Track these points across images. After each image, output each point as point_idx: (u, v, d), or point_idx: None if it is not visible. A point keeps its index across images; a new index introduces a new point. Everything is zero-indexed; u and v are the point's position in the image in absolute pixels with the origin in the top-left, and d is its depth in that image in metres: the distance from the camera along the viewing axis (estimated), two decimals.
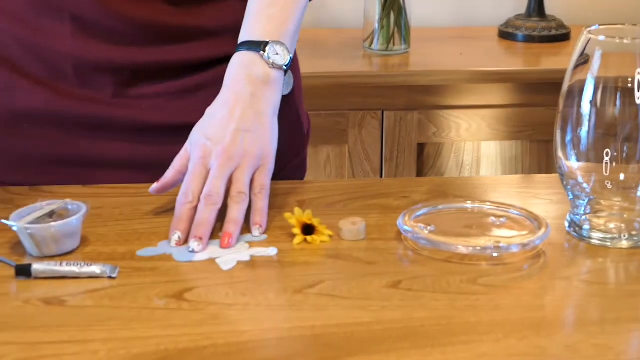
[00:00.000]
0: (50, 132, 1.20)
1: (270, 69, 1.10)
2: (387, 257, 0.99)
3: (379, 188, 1.19)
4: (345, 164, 2.18)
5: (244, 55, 1.11)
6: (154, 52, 1.19)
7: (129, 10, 1.16)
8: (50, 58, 1.18)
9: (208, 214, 1.02)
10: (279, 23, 1.13)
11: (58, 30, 1.17)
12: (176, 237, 1.01)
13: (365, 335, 0.84)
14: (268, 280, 0.94)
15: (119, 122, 1.20)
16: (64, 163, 1.21)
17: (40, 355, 0.81)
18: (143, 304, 0.90)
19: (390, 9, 2.24)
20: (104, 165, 1.21)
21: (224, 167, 1.05)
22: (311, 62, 2.21)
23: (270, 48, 1.11)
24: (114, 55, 1.18)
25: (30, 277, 0.95)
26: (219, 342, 0.83)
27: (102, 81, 1.19)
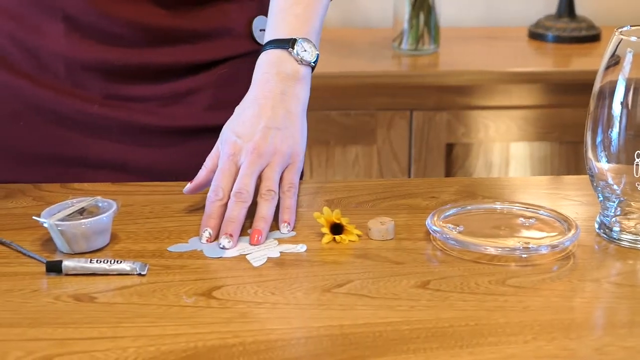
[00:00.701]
0: (48, 130, 1.21)
1: (300, 66, 1.11)
2: (415, 257, 0.99)
3: (407, 188, 1.19)
4: (373, 163, 2.18)
5: (272, 54, 1.11)
6: (145, 54, 1.19)
7: (120, 11, 1.16)
8: (43, 56, 1.18)
9: (238, 211, 1.02)
10: (305, 21, 1.14)
11: (51, 29, 1.17)
12: (207, 234, 1.01)
13: (393, 335, 0.84)
14: (297, 279, 0.94)
15: (111, 123, 1.20)
16: (61, 162, 1.22)
17: (71, 352, 0.82)
18: (172, 302, 0.90)
19: (419, 8, 2.24)
20: (99, 166, 1.22)
21: (253, 165, 1.05)
22: (340, 61, 2.21)
23: (298, 45, 1.11)
24: (105, 55, 1.18)
25: (61, 273, 0.95)
26: (247, 341, 0.83)
27: (93, 81, 1.19)
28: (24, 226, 1.06)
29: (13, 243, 1.02)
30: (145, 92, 1.20)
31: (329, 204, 1.12)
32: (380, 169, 2.18)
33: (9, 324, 0.86)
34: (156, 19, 1.18)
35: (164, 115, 1.21)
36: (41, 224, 1.00)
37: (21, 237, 1.04)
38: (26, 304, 0.90)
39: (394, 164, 2.18)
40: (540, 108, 2.19)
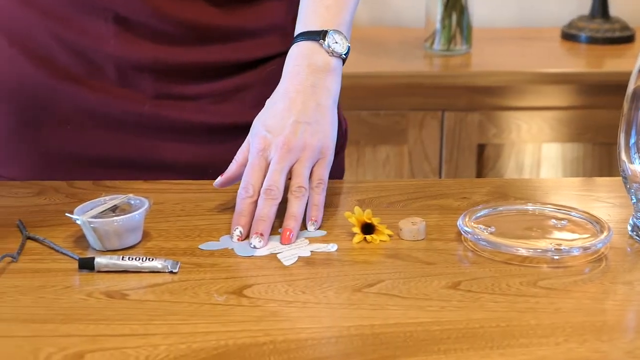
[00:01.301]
0: (95, 133, 1.21)
1: (331, 58, 1.11)
2: (446, 258, 0.99)
3: (439, 188, 1.18)
4: (404, 163, 2.17)
5: (303, 45, 1.11)
6: (195, 52, 1.19)
7: (171, 9, 1.17)
8: (92, 58, 1.19)
9: (268, 208, 1.02)
10: (336, 13, 1.13)
11: (100, 31, 1.18)
12: (238, 232, 1.02)
13: (424, 335, 0.84)
14: (327, 279, 0.94)
15: (160, 123, 1.21)
16: (109, 164, 1.22)
17: (102, 348, 0.82)
18: (203, 300, 0.90)
19: (452, 8, 2.23)
20: (147, 166, 1.22)
21: (283, 160, 1.05)
22: (372, 61, 2.21)
23: (329, 37, 1.11)
24: (156, 54, 1.18)
25: (93, 270, 0.96)
26: (277, 339, 0.83)
27: (144, 81, 1.20)
28: (57, 223, 1.07)
29: (46, 240, 1.03)
30: (195, 91, 1.21)
31: (360, 204, 1.12)
32: (411, 169, 2.18)
33: (41, 320, 0.87)
34: (206, 17, 1.18)
35: (214, 112, 1.22)
36: (74, 221, 1.00)
37: (54, 234, 1.04)
38: (59, 301, 0.90)
39: (425, 164, 2.17)
40: (573, 109, 2.18)
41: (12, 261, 0.98)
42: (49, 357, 0.81)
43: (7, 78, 1.22)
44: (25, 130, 1.22)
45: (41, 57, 1.19)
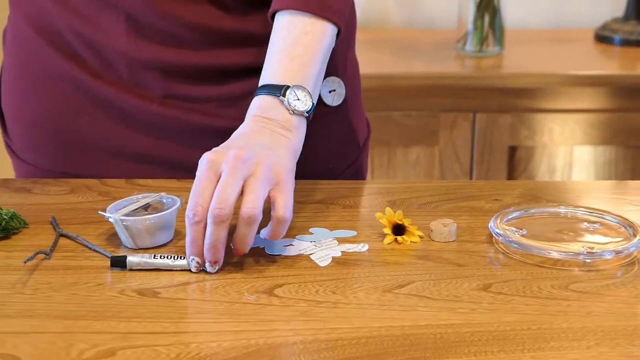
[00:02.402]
0: (110, 126, 1.22)
1: (291, 115, 1.05)
2: (477, 260, 0.99)
3: (470, 190, 1.18)
4: (435, 165, 2.17)
5: (263, 100, 1.06)
6: (203, 55, 1.20)
7: (180, 12, 1.17)
8: (107, 54, 1.20)
9: (217, 233, 0.94)
10: (302, 65, 1.08)
11: (113, 28, 1.19)
12: (195, 264, 0.95)
13: (454, 337, 0.84)
14: (358, 279, 0.95)
15: (169, 122, 1.21)
16: (122, 157, 1.23)
17: (134, 345, 0.83)
18: (234, 298, 0.91)
19: (484, 10, 2.23)
20: (157, 163, 1.23)
21: (236, 172, 0.96)
22: (403, 62, 2.21)
23: (290, 93, 1.05)
24: (164, 55, 1.19)
25: (125, 268, 0.97)
26: (308, 339, 0.84)
27: (153, 81, 1.20)
28: (90, 221, 1.08)
29: (79, 237, 1.03)
30: (202, 93, 1.21)
31: (391, 205, 1.12)
32: (441, 170, 2.17)
33: (74, 317, 0.87)
34: (215, 21, 1.18)
35: (221, 116, 1.22)
36: (106, 219, 1.01)
37: (87, 231, 1.05)
38: (91, 297, 0.91)
39: (456, 165, 2.17)
40: (606, 112, 2.17)
41: (45, 258, 0.99)
42: (81, 353, 0.81)
43: (33, 67, 1.24)
44: (47, 119, 1.24)
45: (64, 49, 1.21)
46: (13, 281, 0.94)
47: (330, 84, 1.24)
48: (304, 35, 1.09)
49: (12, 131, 1.29)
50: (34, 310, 0.89)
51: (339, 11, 1.11)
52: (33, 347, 0.82)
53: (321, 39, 1.10)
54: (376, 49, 2.27)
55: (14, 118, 1.28)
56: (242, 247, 0.96)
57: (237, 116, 1.21)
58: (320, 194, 1.16)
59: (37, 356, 0.81)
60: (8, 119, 1.29)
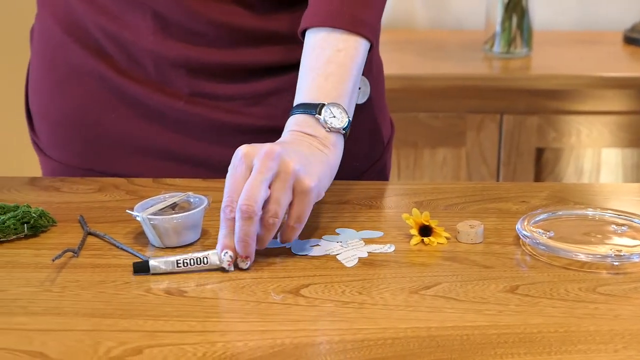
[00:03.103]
0: (136, 123, 1.23)
1: (328, 133, 1.05)
2: (504, 262, 0.99)
3: (497, 192, 1.18)
4: (461, 166, 2.16)
5: (299, 119, 1.06)
6: (228, 54, 1.20)
7: (206, 10, 1.17)
8: (133, 52, 1.21)
9: (247, 228, 0.95)
10: (336, 83, 1.08)
11: (140, 26, 1.19)
12: (228, 257, 0.96)
13: (481, 338, 0.84)
14: (384, 280, 0.94)
15: (195, 120, 1.22)
16: (148, 154, 1.24)
17: (161, 344, 0.83)
18: (260, 298, 0.91)
19: (512, 11, 2.22)
20: (182, 160, 1.24)
21: (265, 170, 0.96)
22: (430, 63, 2.20)
23: (326, 110, 1.05)
24: (190, 53, 1.19)
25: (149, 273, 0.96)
26: (334, 339, 0.84)
27: (179, 78, 1.21)
28: (117, 219, 1.09)
29: (106, 235, 1.04)
30: (227, 91, 1.22)
31: (417, 206, 1.12)
32: (468, 172, 2.17)
33: (101, 315, 0.88)
34: (240, 20, 1.19)
35: (246, 114, 1.22)
36: (134, 218, 1.02)
37: (114, 230, 1.06)
38: (118, 296, 0.92)
39: (483, 167, 2.16)
40: (634, 114, 2.15)
41: (73, 256, 1.00)
42: (108, 351, 0.82)
43: (60, 64, 1.25)
44: (73, 116, 1.25)
45: (91, 46, 1.22)
46: (41, 279, 0.95)
47: None
48: (337, 52, 1.09)
49: (39, 129, 1.30)
50: (62, 308, 0.89)
51: (371, 25, 1.11)
52: (61, 345, 0.83)
53: (354, 56, 1.09)
54: (403, 50, 2.27)
55: (40, 115, 1.29)
56: (260, 245, 0.98)
57: (262, 114, 1.22)
58: (347, 194, 1.16)
59: (65, 354, 0.82)
60: (35, 116, 1.30)
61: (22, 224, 1.04)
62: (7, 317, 0.88)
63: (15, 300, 0.91)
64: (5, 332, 0.85)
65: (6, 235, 1.03)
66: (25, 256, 1.00)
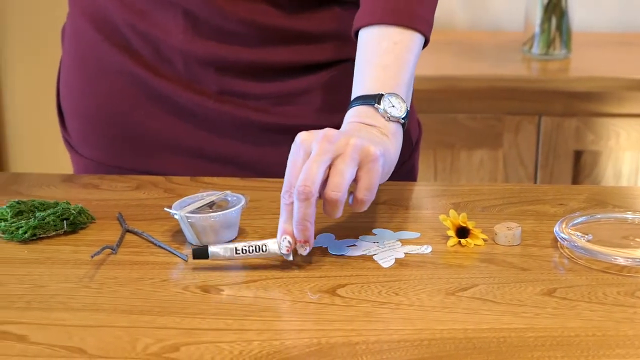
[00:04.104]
0: (165, 120, 1.23)
1: (387, 122, 1.04)
2: (542, 264, 0.98)
3: (535, 194, 1.17)
4: (499, 168, 2.15)
5: (359, 110, 1.06)
6: (258, 52, 1.20)
7: (236, 9, 1.18)
8: (163, 49, 1.21)
9: (304, 210, 0.94)
10: (394, 73, 1.08)
11: (170, 24, 1.20)
12: (286, 243, 0.96)
13: (517, 341, 0.83)
14: (421, 281, 0.94)
15: (224, 118, 1.22)
16: (178, 151, 1.25)
17: (197, 341, 0.83)
18: (297, 297, 0.91)
19: (552, 12, 2.21)
20: (212, 158, 1.24)
21: (323, 152, 0.95)
22: (469, 64, 2.19)
23: (385, 100, 1.05)
24: (219, 52, 1.20)
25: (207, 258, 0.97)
26: (370, 340, 0.84)
27: (208, 76, 1.21)
28: (155, 217, 1.09)
29: (144, 233, 1.05)
30: (257, 90, 1.22)
31: (455, 207, 1.11)
32: (505, 174, 2.16)
33: (139, 312, 0.89)
34: (270, 19, 1.19)
35: (276, 113, 1.23)
36: (172, 216, 1.02)
37: (152, 227, 1.06)
38: (156, 293, 0.92)
39: (520, 169, 2.15)
40: None
41: (111, 253, 1.00)
42: (146, 347, 0.82)
43: (91, 62, 1.26)
44: (104, 114, 1.26)
45: (121, 44, 1.23)
46: (80, 275, 0.96)
47: None
48: (394, 45, 1.09)
49: (70, 126, 1.31)
50: (100, 304, 0.90)
51: (426, 20, 1.11)
52: (99, 341, 0.84)
53: (411, 48, 1.09)
54: (441, 51, 2.26)
55: (71, 113, 1.31)
56: (332, 216, 0.96)
57: (291, 113, 1.22)
58: (383, 195, 1.16)
59: (103, 350, 0.82)
60: (66, 114, 1.32)
61: (62, 220, 1.05)
62: (47, 313, 0.89)
63: (55, 296, 0.92)
64: (44, 327, 0.86)
65: (46, 231, 1.04)
66: (65, 252, 1.01)
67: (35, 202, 1.09)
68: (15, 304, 0.90)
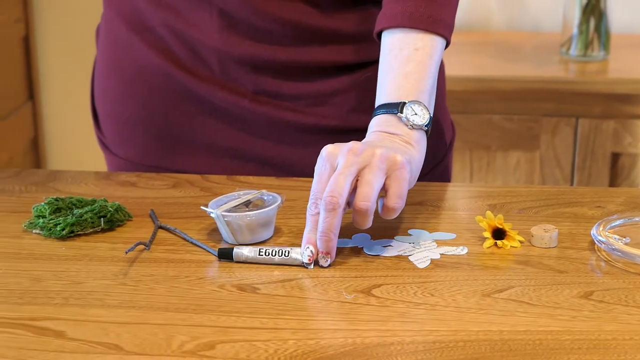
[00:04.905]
0: (201, 120, 1.24)
1: (410, 130, 1.05)
2: (578, 267, 0.97)
3: (572, 196, 1.16)
4: (535, 169, 2.14)
5: (381, 119, 1.07)
6: (293, 52, 1.20)
7: (273, 8, 1.18)
8: (199, 49, 1.22)
9: (330, 220, 0.96)
10: (416, 81, 1.08)
11: (206, 24, 1.20)
12: (309, 252, 0.97)
13: (553, 344, 0.83)
14: (457, 282, 0.94)
15: (260, 118, 1.22)
16: (213, 151, 1.25)
17: (233, 340, 0.84)
18: (332, 297, 0.91)
19: (590, 13, 2.19)
20: (247, 158, 1.24)
21: (350, 165, 0.97)
22: (505, 65, 2.18)
23: (407, 109, 1.05)
24: (256, 51, 1.20)
25: (232, 260, 0.98)
26: (405, 340, 0.84)
27: (244, 76, 1.22)
28: (191, 215, 1.10)
29: (177, 230, 1.05)
30: (292, 90, 1.22)
31: (491, 209, 1.11)
32: (542, 175, 2.14)
33: (175, 309, 0.89)
34: (306, 18, 1.19)
35: (310, 114, 1.23)
36: (208, 214, 1.03)
37: (189, 225, 1.07)
38: (192, 291, 0.93)
39: (557, 171, 2.14)
40: None
41: (144, 249, 1.01)
42: (182, 345, 0.83)
43: (126, 63, 1.26)
44: (138, 114, 1.27)
45: (156, 45, 1.24)
46: (117, 272, 0.97)
47: None
48: (415, 51, 1.09)
49: (104, 126, 1.32)
50: (137, 301, 0.91)
51: (447, 23, 1.11)
52: (135, 337, 0.84)
53: (432, 54, 1.10)
54: (479, 52, 2.26)
55: (106, 113, 1.31)
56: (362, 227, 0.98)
57: (325, 114, 1.22)
58: (419, 195, 1.15)
59: (139, 346, 0.83)
60: (101, 114, 1.32)
61: (99, 217, 1.06)
62: (84, 309, 0.89)
63: (92, 293, 0.92)
64: (81, 323, 0.87)
65: (83, 228, 1.05)
66: (102, 249, 1.02)
67: (73, 199, 1.10)
68: (53, 300, 0.91)
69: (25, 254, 1.01)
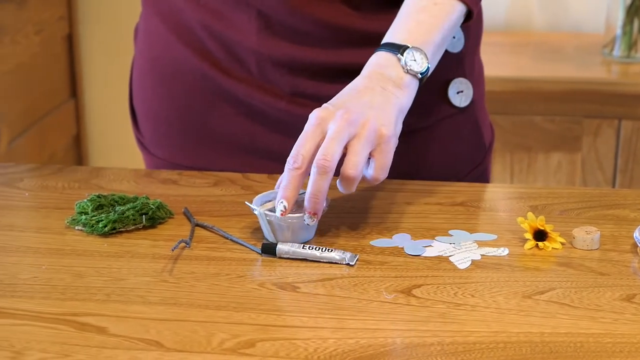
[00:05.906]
0: (238, 121, 1.24)
1: (405, 74, 1.06)
2: (620, 269, 0.97)
3: (614, 198, 1.16)
4: (576, 171, 2.13)
5: (381, 56, 1.08)
6: (331, 53, 1.20)
7: (311, 10, 1.18)
8: (237, 50, 1.22)
9: (320, 184, 0.98)
10: (426, 30, 1.10)
11: (244, 25, 1.20)
12: (282, 207, 0.99)
13: (595, 347, 0.82)
14: (497, 283, 0.94)
15: (297, 120, 1.22)
16: (249, 152, 1.25)
17: (273, 338, 0.84)
18: (372, 297, 0.91)
19: (634, 14, 2.17)
20: (285, 161, 1.24)
21: (342, 131, 0.99)
22: (547, 66, 2.17)
23: (408, 53, 1.07)
24: (294, 53, 1.20)
25: (275, 256, 0.98)
26: (445, 341, 0.83)
27: (281, 78, 1.21)
28: (232, 213, 1.10)
29: (214, 227, 1.06)
30: (329, 92, 1.21)
31: (532, 210, 1.10)
32: (583, 177, 2.13)
33: (215, 307, 0.89)
34: (344, 20, 1.19)
35: None
36: (251, 210, 1.03)
37: (229, 223, 1.07)
38: (232, 289, 0.93)
39: (598, 173, 2.12)
40: None
41: (185, 247, 1.01)
42: (222, 342, 0.83)
43: (164, 62, 1.27)
44: (176, 114, 1.27)
45: (194, 45, 1.24)
46: (158, 269, 0.97)
47: (458, 85, 1.24)
48: (434, 5, 1.11)
49: (143, 126, 1.33)
50: (178, 298, 0.91)
51: None
52: (176, 335, 0.85)
53: (449, 12, 1.11)
54: (520, 53, 2.25)
55: (144, 113, 1.32)
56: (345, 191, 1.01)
57: None
58: (460, 196, 1.15)
59: (180, 343, 0.83)
60: (139, 114, 1.33)
61: (141, 215, 1.07)
62: (126, 305, 0.90)
63: (133, 289, 0.93)
64: (123, 319, 0.87)
65: (125, 225, 1.06)
66: (143, 246, 1.03)
67: (115, 196, 1.11)
68: (95, 296, 0.92)
69: (67, 250, 1.02)
